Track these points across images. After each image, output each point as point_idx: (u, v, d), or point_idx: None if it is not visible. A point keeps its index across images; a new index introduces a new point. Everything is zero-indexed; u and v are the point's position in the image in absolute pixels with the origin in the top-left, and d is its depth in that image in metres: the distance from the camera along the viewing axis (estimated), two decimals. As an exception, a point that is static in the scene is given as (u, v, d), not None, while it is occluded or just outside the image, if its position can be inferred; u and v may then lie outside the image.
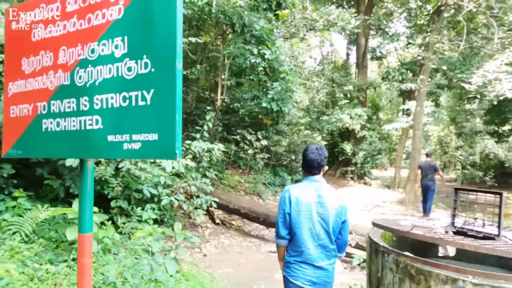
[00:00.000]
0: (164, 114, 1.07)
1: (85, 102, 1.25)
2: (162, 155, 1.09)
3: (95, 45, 1.23)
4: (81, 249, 1.32)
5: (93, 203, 1.37)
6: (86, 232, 1.33)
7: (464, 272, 1.83)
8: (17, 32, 1.47)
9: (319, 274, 2.23)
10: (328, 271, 2.27)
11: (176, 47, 1.06)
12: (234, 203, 6.78)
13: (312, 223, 2.23)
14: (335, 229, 2.28)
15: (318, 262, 2.22)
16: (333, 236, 2.27)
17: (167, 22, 1.08)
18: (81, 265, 1.32)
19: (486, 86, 7.20)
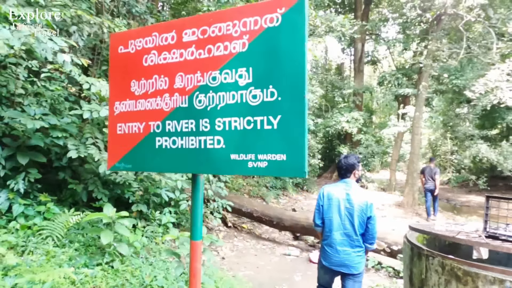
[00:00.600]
0: (292, 137, 1.23)
1: (205, 123, 1.40)
2: (290, 173, 1.25)
3: (217, 74, 1.39)
4: (194, 254, 1.47)
5: (202, 213, 1.51)
6: (197, 240, 1.48)
7: (510, 274, 2.03)
8: (124, 56, 1.61)
9: (341, 258, 2.75)
10: (350, 255, 2.74)
11: (304, 79, 1.22)
12: (247, 206, 6.93)
13: (339, 215, 2.77)
14: (360, 222, 2.76)
15: (341, 246, 2.75)
16: (358, 228, 2.76)
17: (294, 56, 1.24)
18: (194, 269, 1.46)
19: (487, 94, 7.55)
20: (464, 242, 2.30)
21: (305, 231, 6.29)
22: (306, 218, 6.23)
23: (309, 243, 6.71)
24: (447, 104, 18.36)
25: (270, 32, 1.28)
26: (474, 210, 15.72)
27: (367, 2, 18.69)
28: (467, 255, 2.82)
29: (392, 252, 5.18)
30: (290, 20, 1.25)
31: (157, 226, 5.59)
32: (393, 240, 5.22)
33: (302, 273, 5.23)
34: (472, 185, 17.23)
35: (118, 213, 4.24)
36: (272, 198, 11.48)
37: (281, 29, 1.26)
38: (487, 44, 8.66)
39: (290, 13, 1.24)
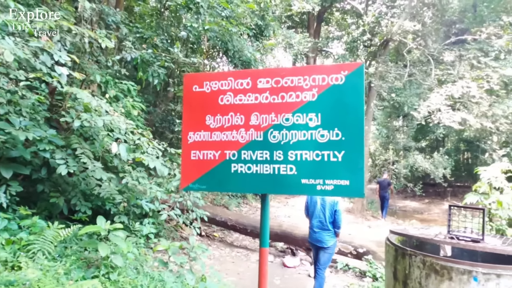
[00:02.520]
0: (354, 167, 1.66)
1: (279, 154, 1.77)
2: (352, 195, 1.67)
3: (289, 116, 1.77)
4: (262, 260, 1.82)
5: (269, 224, 1.87)
6: (265, 247, 1.83)
7: (476, 266, 2.65)
8: (199, 94, 1.92)
9: (317, 236, 4.32)
10: (322, 235, 4.28)
11: (362, 125, 1.66)
12: (221, 215, 7.20)
13: (316, 209, 4.31)
14: (330, 214, 4.23)
15: (317, 229, 4.31)
16: (328, 218, 4.24)
17: (354, 108, 1.68)
18: (263, 271, 1.81)
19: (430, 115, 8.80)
20: (442, 243, 2.91)
21: (277, 237, 6.74)
22: (279, 226, 6.69)
23: (279, 249, 7.17)
24: (386, 117, 20.35)
25: (335, 88, 1.71)
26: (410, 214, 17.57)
27: (319, 20, 20.04)
28: (432, 252, 3.49)
29: (358, 254, 5.85)
30: (351, 80, 1.69)
31: (139, 237, 5.66)
32: (359, 243, 5.90)
33: (280, 277, 5.66)
34: (408, 192, 19.21)
35: (113, 225, 4.32)
36: (234, 207, 11.81)
37: (344, 86, 1.70)
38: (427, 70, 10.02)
39: (351, 75, 1.69)
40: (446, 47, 10.51)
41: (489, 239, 3.27)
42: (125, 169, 5.84)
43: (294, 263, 6.18)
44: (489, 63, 9.20)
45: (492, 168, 6.91)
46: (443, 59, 9.60)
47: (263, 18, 7.98)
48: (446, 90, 8.50)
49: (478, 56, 9.49)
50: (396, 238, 3.50)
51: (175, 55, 6.06)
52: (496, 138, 11.54)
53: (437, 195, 22.21)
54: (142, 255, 5.19)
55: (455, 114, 8.76)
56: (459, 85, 8.73)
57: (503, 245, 3.04)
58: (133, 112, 6.36)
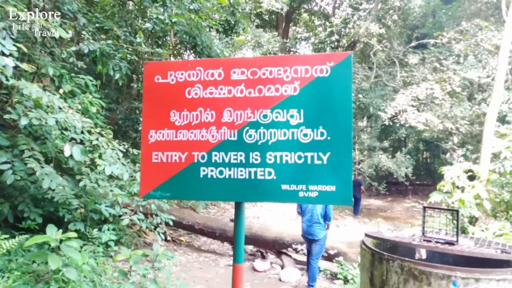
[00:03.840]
0: (341, 171, 1.46)
1: (255, 156, 1.53)
2: (338, 202, 1.47)
3: (268, 112, 1.54)
4: (236, 276, 1.58)
5: (244, 236, 1.63)
6: (240, 263, 1.59)
7: (454, 270, 2.58)
8: (162, 86, 1.63)
9: (308, 230, 4.80)
10: (313, 228, 4.78)
11: (350, 123, 1.47)
12: (188, 219, 6.85)
13: (309, 205, 4.69)
14: (321, 208, 4.69)
15: (308, 223, 4.80)
16: (319, 213, 4.74)
17: (341, 103, 1.48)
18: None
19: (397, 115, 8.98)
20: (419, 247, 2.82)
21: (247, 241, 6.51)
22: (249, 228, 6.46)
23: (249, 252, 6.95)
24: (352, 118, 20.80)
25: (320, 81, 1.51)
26: (375, 212, 18.06)
27: (287, 20, 20.07)
28: (407, 255, 3.43)
29: (329, 256, 5.77)
30: (338, 72, 1.49)
31: (97, 245, 5.20)
32: (330, 245, 5.81)
33: (250, 282, 5.43)
34: (373, 190, 19.75)
35: (66, 234, 3.89)
36: (202, 209, 11.43)
37: (330, 79, 1.50)
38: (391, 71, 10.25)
39: (338, 67, 1.49)
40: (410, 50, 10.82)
41: (463, 240, 3.25)
42: (82, 171, 5.36)
43: (264, 267, 5.99)
44: (451, 66, 9.57)
45: (454, 167, 7.12)
46: (407, 62, 9.86)
47: (233, 13, 7.71)
48: (411, 91, 8.73)
49: (440, 59, 9.85)
50: (371, 241, 3.40)
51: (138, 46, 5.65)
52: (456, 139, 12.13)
53: (399, 193, 23.07)
54: (100, 265, 4.76)
55: (420, 115, 9.03)
56: (423, 87, 9.00)
57: (476, 246, 3.02)
58: (91, 109, 5.86)
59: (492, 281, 2.48)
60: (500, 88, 7.77)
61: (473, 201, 6.76)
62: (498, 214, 7.20)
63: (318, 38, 16.55)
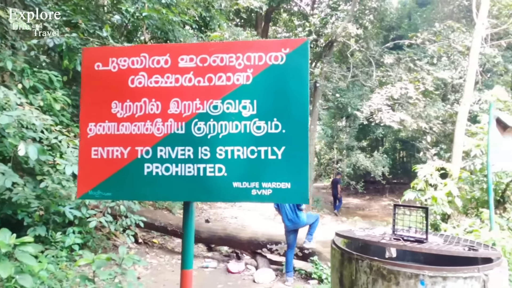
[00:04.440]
0: (296, 167, 1.35)
1: (204, 151, 1.40)
2: (294, 200, 1.35)
3: (218, 103, 1.40)
4: (185, 284, 1.44)
5: (193, 239, 1.49)
6: (188, 268, 1.46)
7: (422, 269, 2.53)
8: (103, 74, 1.47)
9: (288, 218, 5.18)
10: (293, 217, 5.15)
11: (307, 114, 1.36)
12: (160, 220, 6.62)
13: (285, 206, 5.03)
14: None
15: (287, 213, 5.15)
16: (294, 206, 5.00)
17: (297, 93, 1.36)
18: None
19: (372, 115, 9.06)
20: (388, 246, 2.76)
21: (221, 241, 6.37)
22: (224, 229, 6.31)
23: (224, 253, 6.80)
24: (330, 117, 20.98)
25: (275, 69, 1.39)
26: (353, 211, 18.27)
27: (266, 20, 20.00)
28: (378, 253, 3.38)
29: (304, 255, 5.69)
30: (294, 60, 1.37)
31: (60, 250, 4.93)
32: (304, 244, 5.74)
33: (223, 285, 5.29)
34: (351, 189, 19.97)
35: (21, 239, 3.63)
36: (178, 209, 11.17)
37: (285, 67, 1.38)
38: (368, 71, 10.35)
39: (294, 54, 1.37)
40: (386, 50, 10.97)
41: (432, 238, 3.22)
42: (45, 171, 5.06)
43: (239, 268, 5.85)
44: (424, 66, 9.74)
45: (427, 166, 7.22)
46: (383, 61, 9.99)
47: (208, 9, 7.53)
48: (386, 91, 8.84)
49: (414, 59, 10.01)
50: (342, 241, 3.33)
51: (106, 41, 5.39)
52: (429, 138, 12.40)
53: (376, 192, 23.44)
54: (63, 271, 4.50)
55: (395, 114, 9.15)
56: (398, 86, 9.12)
57: (445, 243, 2.99)
58: (55, 106, 5.55)
59: (459, 279, 2.44)
60: (471, 88, 7.96)
61: (445, 199, 6.87)
62: (469, 211, 7.35)
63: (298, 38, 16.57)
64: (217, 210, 13.13)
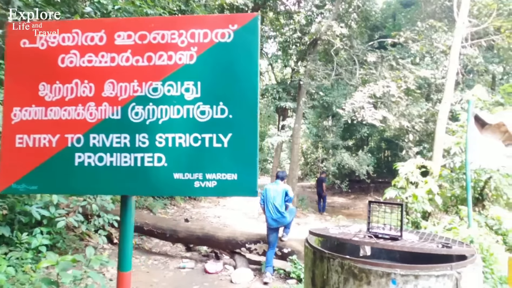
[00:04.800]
0: (244, 156, 1.21)
1: (143, 139, 1.24)
2: (241, 193, 1.21)
3: (159, 85, 1.25)
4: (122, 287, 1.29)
5: (133, 239, 1.34)
6: (126, 271, 1.30)
7: (394, 267, 2.43)
8: (30, 52, 1.30)
9: (273, 218, 5.21)
10: (279, 217, 5.22)
11: (257, 97, 1.22)
12: (136, 220, 6.40)
13: (271, 197, 5.24)
14: (282, 198, 5.23)
15: (273, 212, 5.21)
16: (281, 202, 5.22)
17: (246, 74, 1.22)
18: (122, 305, 1.28)
19: (354, 112, 9.03)
20: (359, 243, 2.65)
21: (199, 241, 6.19)
22: (202, 228, 6.14)
23: (203, 253, 6.63)
24: (317, 117, 21.00)
25: (221, 48, 1.24)
26: (338, 209, 18.31)
27: (252, 18, 19.86)
28: (354, 252, 3.29)
29: (283, 255, 5.58)
30: (243, 38, 1.23)
31: (25, 251, 4.68)
32: (284, 243, 5.63)
33: (199, 285, 5.12)
34: (336, 188, 20.02)
35: (-25, 240, 3.39)
36: (160, 209, 10.94)
37: (233, 45, 1.24)
38: (352, 70, 10.32)
39: (242, 31, 1.23)
40: (370, 48, 10.97)
41: (407, 235, 3.14)
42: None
43: (216, 269, 5.69)
44: (407, 65, 9.77)
45: (408, 163, 7.21)
46: (366, 60, 9.98)
47: (187, 3, 7.33)
48: (368, 89, 8.83)
49: (397, 58, 10.03)
50: (316, 239, 3.22)
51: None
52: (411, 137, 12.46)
53: (361, 191, 23.59)
54: (26, 273, 4.27)
55: (377, 112, 9.15)
56: (380, 85, 9.11)
57: (420, 241, 2.91)
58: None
59: (431, 277, 2.35)
60: (451, 86, 8.00)
61: (426, 196, 6.86)
62: (449, 209, 7.39)
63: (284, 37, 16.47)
64: (200, 209, 12.93)
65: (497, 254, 4.80)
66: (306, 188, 25.08)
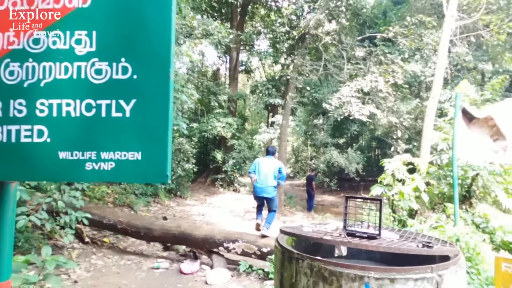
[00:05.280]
0: (152, 130, 0.91)
1: (18, 106, 0.94)
2: (147, 178, 0.92)
3: (41, 35, 0.94)
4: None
5: (13, 239, 1.03)
6: (4, 280, 0.99)
7: (368, 270, 2.16)
8: None
9: (263, 189, 5.49)
10: (268, 188, 5.47)
11: (170, 53, 0.92)
12: (109, 217, 6.06)
13: (264, 169, 5.45)
14: (274, 173, 5.44)
15: (263, 183, 5.46)
16: (273, 175, 5.44)
17: (157, 23, 0.92)
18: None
19: (341, 107, 8.78)
20: (330, 243, 2.37)
21: (176, 240, 5.88)
22: (178, 226, 5.82)
23: (181, 253, 6.32)
24: (308, 115, 20.78)
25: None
26: (327, 208, 18.13)
27: (242, 13, 19.51)
28: (330, 252, 3.01)
29: (262, 254, 5.30)
30: (152, -26, 0.93)
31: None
32: (263, 242, 5.35)
33: (172, 287, 4.82)
34: (326, 186, 19.84)
35: None
36: (142, 206, 10.57)
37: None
38: (339, 65, 10.08)
39: (151, -36, 0.93)
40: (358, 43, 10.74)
41: (387, 234, 2.87)
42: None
43: (192, 269, 5.39)
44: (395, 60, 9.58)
45: (395, 160, 6.99)
46: (354, 54, 9.75)
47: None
48: (356, 83, 8.59)
49: (386, 53, 9.83)
50: (289, 239, 2.95)
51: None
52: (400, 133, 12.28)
53: (351, 189, 23.46)
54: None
55: (364, 107, 8.92)
56: (368, 79, 8.89)
57: (400, 240, 2.65)
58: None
59: (409, 280, 2.08)
60: (440, 81, 7.80)
61: (413, 194, 6.63)
62: (436, 207, 7.19)
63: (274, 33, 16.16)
64: (185, 207, 12.59)
65: (483, 253, 4.58)
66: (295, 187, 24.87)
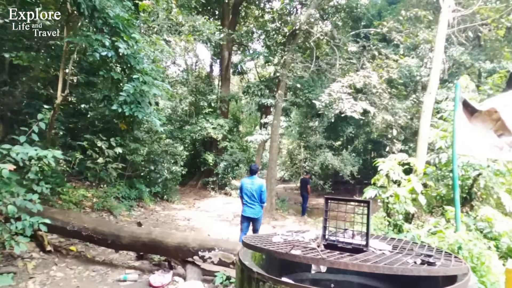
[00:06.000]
0: None
1: None
2: None
3: None
4: None
5: None
6: None
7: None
8: None
9: (251, 211, 5.95)
10: (255, 210, 5.97)
11: None
12: (74, 223, 5.44)
13: (249, 191, 5.95)
14: (258, 194, 5.94)
15: (250, 205, 5.95)
16: (257, 197, 5.94)
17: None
18: None
19: (331, 104, 8.27)
20: (297, 259, 1.81)
21: (146, 248, 5.28)
22: (148, 233, 5.22)
23: (154, 262, 5.73)
24: (303, 117, 20.28)
25: None
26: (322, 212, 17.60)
27: (234, 12, 19.04)
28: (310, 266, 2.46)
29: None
30: None
31: None
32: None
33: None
34: (320, 189, 19.28)
35: None
36: (123, 211, 9.93)
37: None
38: (331, 61, 9.58)
39: None
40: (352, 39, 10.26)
41: (377, 244, 2.31)
42: None
43: (163, 281, 4.80)
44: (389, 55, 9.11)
45: (390, 160, 6.44)
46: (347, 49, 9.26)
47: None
48: (348, 79, 8.10)
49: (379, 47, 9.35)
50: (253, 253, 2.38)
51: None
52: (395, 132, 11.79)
53: (347, 192, 22.90)
54: None
55: (357, 104, 8.41)
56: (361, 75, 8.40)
57: (393, 253, 2.10)
58: None
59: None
60: (437, 76, 7.31)
61: (409, 196, 6.06)
62: (434, 210, 6.65)
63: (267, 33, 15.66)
64: (171, 211, 11.96)
65: (488, 263, 4.04)
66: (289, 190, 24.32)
